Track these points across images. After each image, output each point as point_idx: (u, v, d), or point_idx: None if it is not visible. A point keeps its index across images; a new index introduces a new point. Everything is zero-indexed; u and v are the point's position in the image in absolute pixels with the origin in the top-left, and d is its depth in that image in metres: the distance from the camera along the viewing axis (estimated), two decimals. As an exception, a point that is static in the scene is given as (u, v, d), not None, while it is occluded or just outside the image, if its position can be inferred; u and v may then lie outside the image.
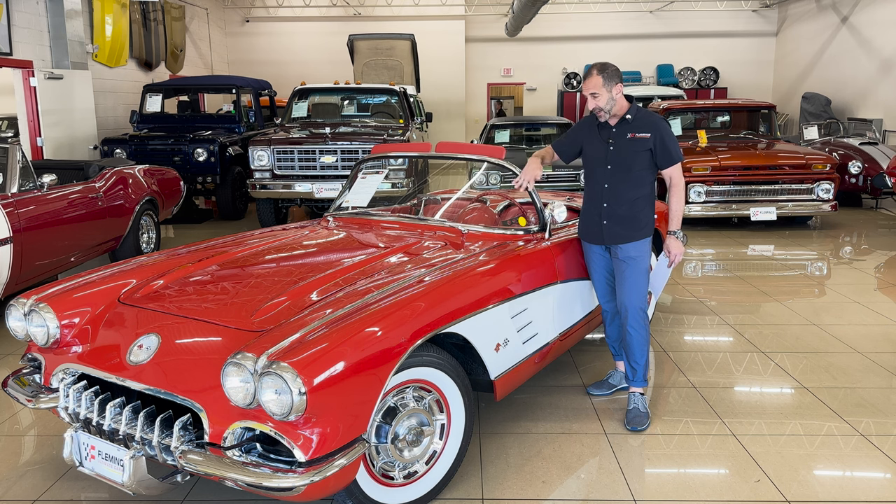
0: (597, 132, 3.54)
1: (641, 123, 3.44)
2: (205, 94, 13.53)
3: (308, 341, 2.32)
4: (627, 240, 3.48)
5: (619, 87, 3.40)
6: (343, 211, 4.23)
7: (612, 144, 3.46)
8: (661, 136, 3.41)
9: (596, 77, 3.35)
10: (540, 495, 2.89)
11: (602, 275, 3.70)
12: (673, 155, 3.44)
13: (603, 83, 3.35)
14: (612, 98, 3.37)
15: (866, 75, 13.87)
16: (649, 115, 3.50)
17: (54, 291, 2.99)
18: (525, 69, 18.67)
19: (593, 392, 3.85)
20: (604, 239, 3.54)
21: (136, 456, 2.43)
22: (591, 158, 3.56)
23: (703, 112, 10.60)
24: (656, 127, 3.43)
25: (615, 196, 3.48)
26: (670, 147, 3.43)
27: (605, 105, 3.38)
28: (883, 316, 5.23)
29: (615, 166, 3.46)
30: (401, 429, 2.63)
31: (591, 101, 3.39)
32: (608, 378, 3.93)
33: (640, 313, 3.49)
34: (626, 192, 3.46)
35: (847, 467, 3.09)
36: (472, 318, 2.88)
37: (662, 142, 3.41)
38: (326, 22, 17.82)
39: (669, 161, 3.45)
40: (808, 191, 8.46)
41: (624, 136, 3.44)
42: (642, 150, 3.42)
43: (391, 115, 9.87)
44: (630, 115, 3.44)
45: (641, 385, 3.60)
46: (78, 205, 5.80)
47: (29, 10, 9.59)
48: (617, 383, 3.88)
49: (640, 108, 3.50)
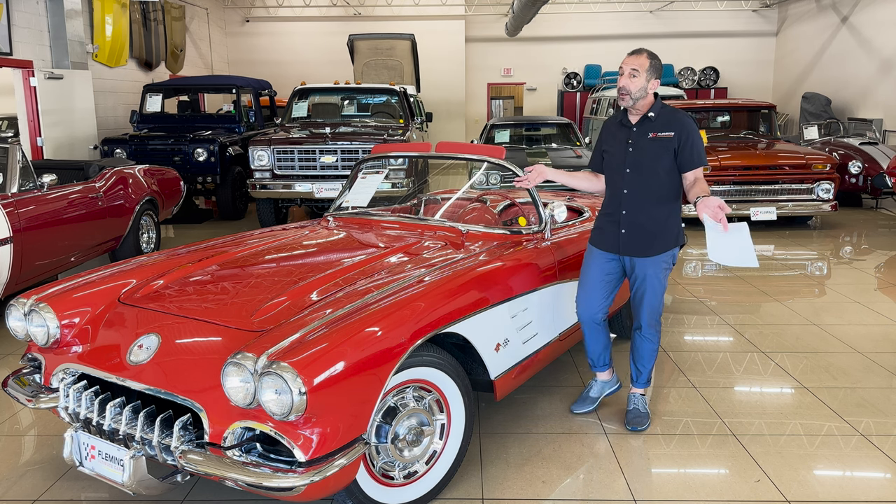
0: (616, 132, 3.30)
1: (665, 122, 3.15)
2: (205, 94, 13.52)
3: (308, 341, 2.32)
4: (646, 253, 3.20)
5: (656, 83, 3.14)
6: (343, 211, 4.23)
7: (632, 145, 3.19)
8: (686, 135, 3.11)
9: (645, 59, 3.09)
10: (540, 495, 2.89)
11: (599, 278, 3.37)
12: (695, 157, 3.13)
13: (649, 67, 3.08)
14: (645, 88, 3.09)
15: (866, 75, 13.87)
16: (674, 113, 3.20)
17: (54, 291, 2.99)
18: (525, 69, 18.67)
19: (577, 410, 3.60)
20: (619, 249, 3.27)
21: (136, 456, 2.43)
22: (610, 161, 3.30)
23: (703, 112, 10.60)
24: (682, 125, 3.13)
25: (635, 203, 3.19)
26: (695, 148, 3.13)
27: (636, 92, 3.09)
28: (883, 316, 5.23)
29: (635, 170, 3.18)
30: (401, 429, 2.63)
31: (625, 79, 3.09)
32: (588, 391, 3.67)
33: (656, 325, 3.35)
34: (647, 198, 3.18)
35: (847, 467, 3.09)
36: (472, 317, 2.88)
37: (688, 141, 3.11)
38: (326, 22, 17.82)
39: (690, 164, 3.13)
40: (808, 191, 8.46)
41: (645, 135, 3.16)
42: (665, 152, 3.13)
43: (391, 115, 9.86)
44: (653, 113, 3.16)
45: (644, 386, 3.51)
46: (78, 205, 5.80)
47: (29, 9, 9.59)
48: (598, 395, 3.64)
49: (665, 105, 3.23)
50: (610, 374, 3.65)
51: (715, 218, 2.87)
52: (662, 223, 3.19)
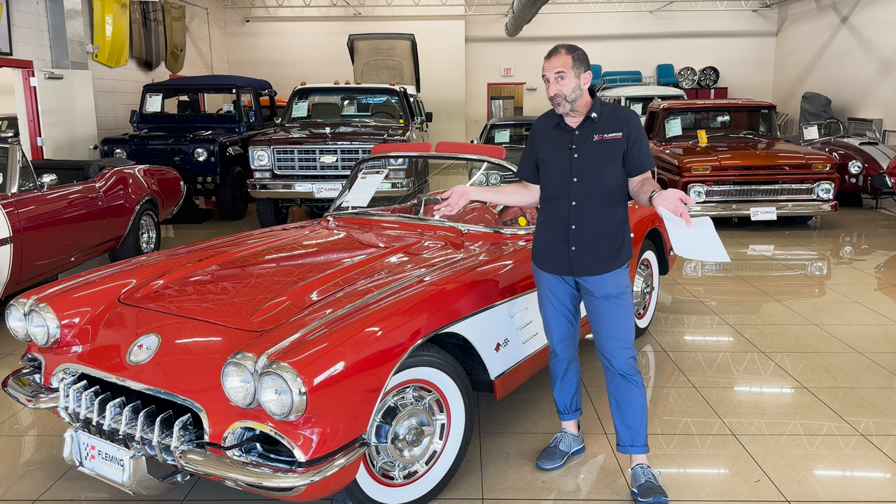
0: (553, 137, 2.85)
1: (610, 121, 2.76)
2: (205, 94, 13.54)
3: (308, 341, 2.32)
4: (602, 270, 2.78)
5: (587, 75, 2.74)
6: (343, 211, 4.23)
7: (577, 151, 2.76)
8: (634, 134, 2.74)
9: (565, 56, 2.71)
10: (540, 495, 2.89)
11: (559, 310, 2.93)
12: (644, 159, 2.76)
13: (573, 64, 2.70)
14: (578, 86, 2.71)
15: (866, 75, 13.87)
16: (617, 110, 2.83)
17: (54, 291, 2.99)
18: (525, 69, 18.67)
19: (543, 466, 3.09)
20: (572, 269, 2.82)
21: (136, 456, 2.43)
22: (551, 171, 2.84)
23: (703, 112, 10.61)
24: (628, 123, 2.75)
25: (585, 216, 2.77)
26: (643, 148, 2.76)
27: (570, 93, 2.71)
28: (883, 316, 5.23)
29: (582, 178, 2.76)
30: (401, 429, 2.63)
31: (554, 86, 2.71)
32: (556, 444, 3.16)
33: (631, 361, 2.82)
34: (599, 209, 2.77)
35: (847, 467, 3.09)
36: (472, 317, 2.88)
37: (637, 141, 2.74)
38: (326, 22, 17.83)
39: (640, 166, 2.75)
40: (808, 191, 8.46)
41: (590, 139, 2.75)
42: (615, 155, 2.74)
43: (391, 115, 9.87)
44: (595, 113, 2.76)
45: (643, 451, 2.87)
46: (78, 205, 5.80)
47: (29, 9, 9.59)
48: (568, 449, 3.15)
49: (604, 102, 2.85)
50: (577, 428, 3.21)
51: (675, 212, 2.50)
52: (616, 234, 2.80)
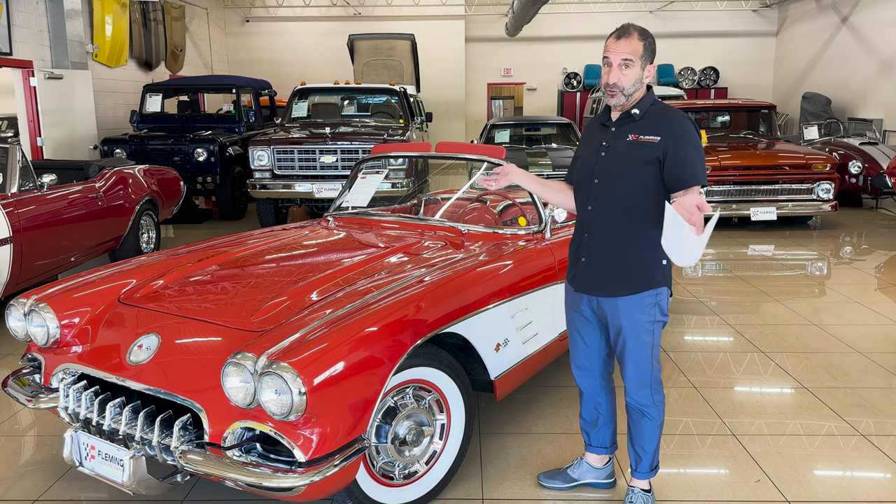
0: (595, 133, 2.57)
1: (652, 122, 2.39)
2: (205, 94, 13.52)
3: (308, 341, 2.32)
4: (609, 292, 2.46)
5: (652, 68, 2.41)
6: (343, 211, 4.23)
7: (605, 149, 2.47)
8: (677, 142, 2.32)
9: (637, 41, 2.33)
10: (540, 495, 2.89)
11: (573, 326, 2.69)
12: (687, 173, 2.30)
13: (643, 52, 2.34)
14: (640, 79, 2.37)
15: (866, 75, 13.87)
16: (667, 112, 2.41)
17: (54, 291, 2.99)
18: (525, 69, 18.66)
19: (545, 483, 2.91)
20: (580, 285, 2.56)
21: (136, 456, 2.43)
22: (579, 169, 2.59)
23: (703, 112, 10.60)
24: (672, 128, 2.35)
25: (599, 225, 2.47)
26: (688, 160, 2.31)
27: (630, 86, 2.36)
28: (883, 316, 5.23)
29: (603, 180, 2.45)
30: (401, 429, 2.63)
31: (616, 73, 2.34)
32: (568, 469, 2.93)
33: (650, 394, 2.56)
34: (614, 220, 2.44)
35: (847, 467, 3.09)
36: (472, 318, 2.88)
37: (679, 150, 2.31)
38: (326, 22, 17.81)
39: (680, 181, 2.32)
40: (809, 191, 8.46)
41: (623, 138, 2.43)
42: (644, 161, 2.37)
43: (391, 115, 9.87)
44: (637, 110, 2.42)
45: (645, 477, 2.69)
46: (78, 205, 5.80)
47: (29, 9, 9.58)
48: (577, 478, 2.89)
49: (657, 100, 2.47)
50: (603, 463, 2.89)
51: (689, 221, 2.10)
52: (633, 254, 2.43)
